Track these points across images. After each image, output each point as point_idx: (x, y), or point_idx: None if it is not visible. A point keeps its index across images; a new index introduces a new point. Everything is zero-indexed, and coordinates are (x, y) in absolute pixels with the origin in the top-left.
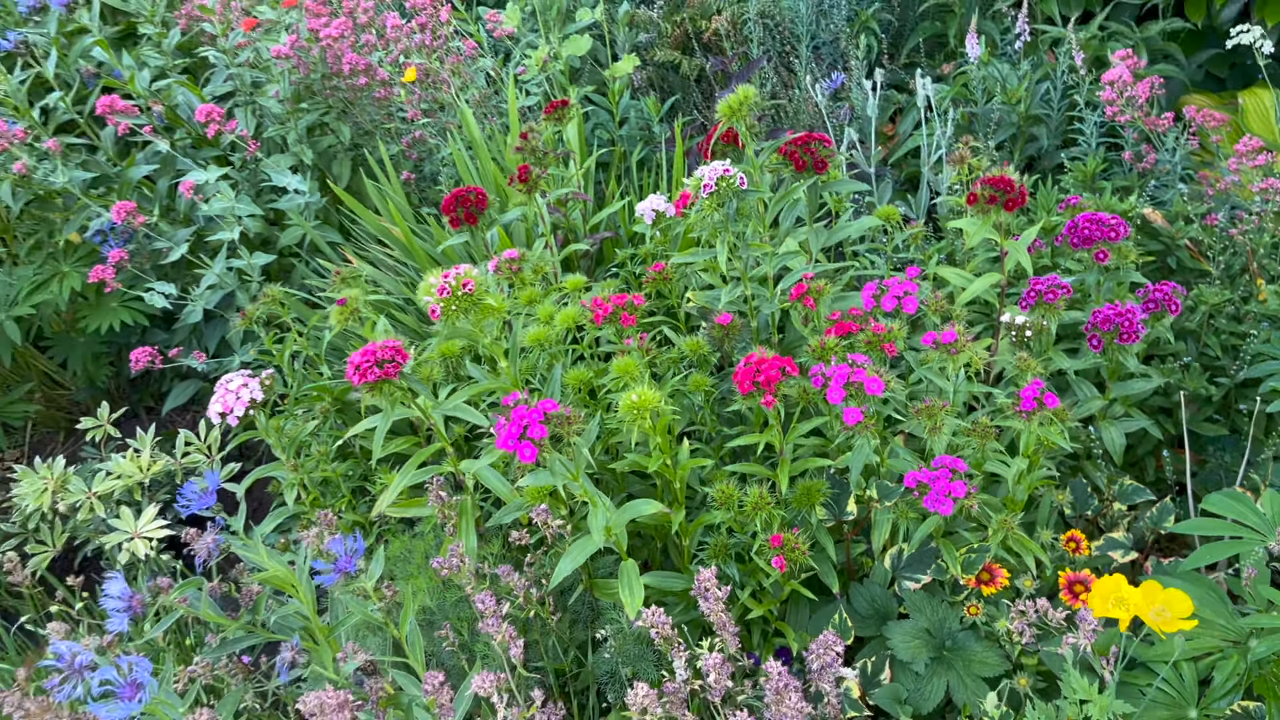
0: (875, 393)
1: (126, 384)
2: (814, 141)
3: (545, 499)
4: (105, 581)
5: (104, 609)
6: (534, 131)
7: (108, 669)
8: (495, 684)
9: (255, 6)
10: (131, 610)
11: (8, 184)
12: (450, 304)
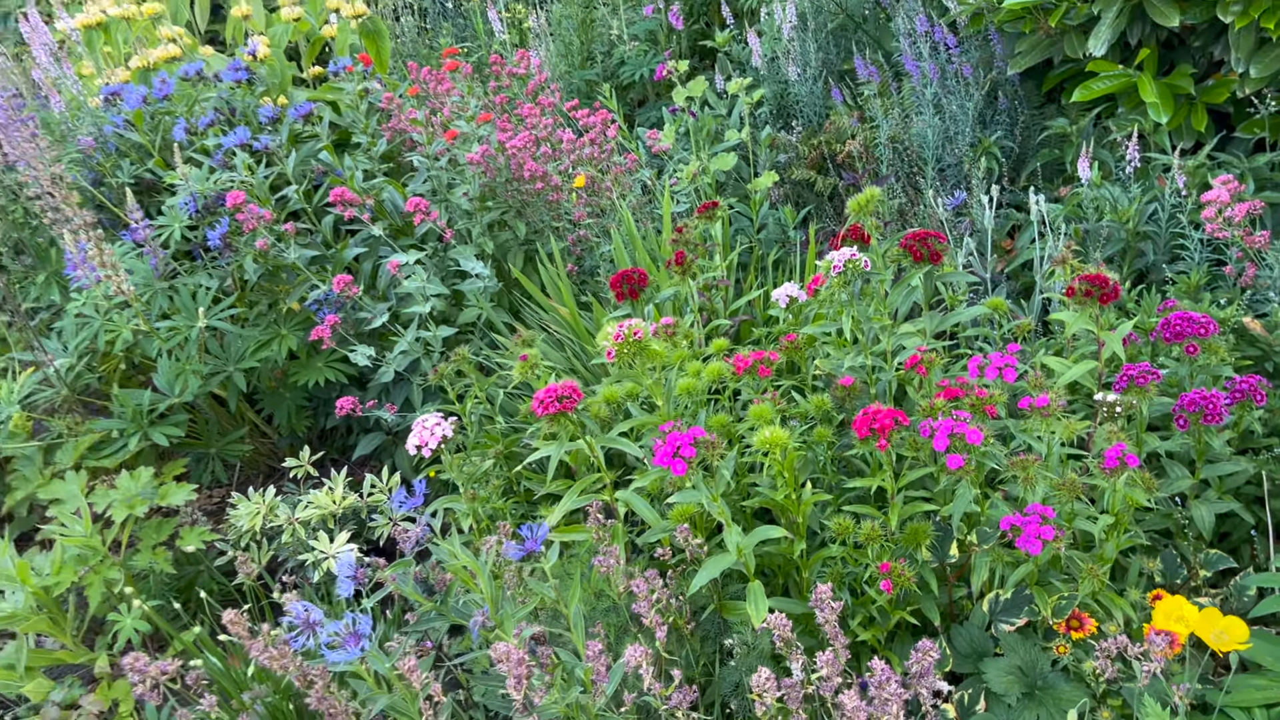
0: (975, 442)
1: (318, 437)
2: (930, 237)
3: (688, 519)
4: (340, 558)
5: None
6: (688, 227)
7: (336, 624)
8: (644, 657)
9: (454, 121)
10: (356, 580)
11: (250, 258)
12: (623, 347)
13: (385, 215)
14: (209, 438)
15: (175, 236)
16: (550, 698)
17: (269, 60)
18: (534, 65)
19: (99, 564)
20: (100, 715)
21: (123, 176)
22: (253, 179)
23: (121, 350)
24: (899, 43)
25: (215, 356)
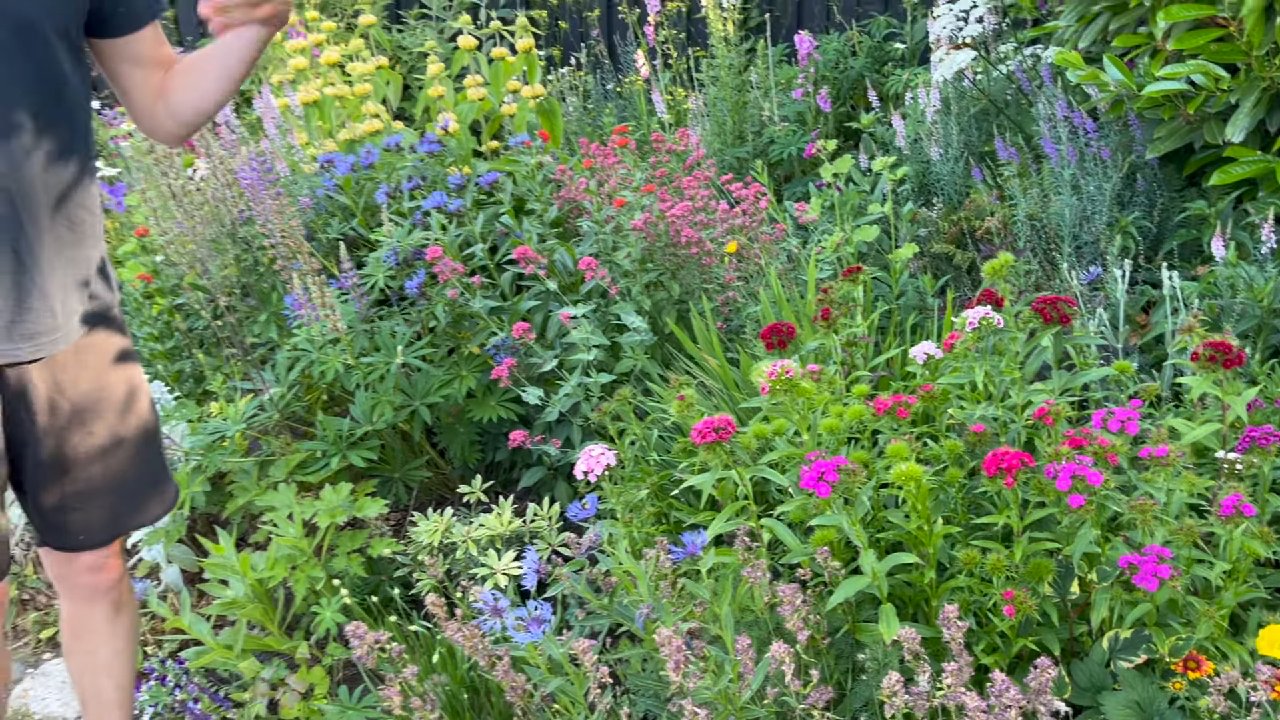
0: (1095, 483)
1: (486, 469)
2: (1060, 301)
3: (828, 544)
4: (526, 552)
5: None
6: (833, 287)
7: (520, 610)
8: (786, 653)
9: (619, 191)
10: (537, 574)
11: (441, 306)
12: (776, 383)
13: (556, 274)
14: (394, 464)
15: (379, 285)
16: (703, 683)
17: (456, 134)
18: (692, 142)
19: (304, 563)
20: (301, 694)
21: (332, 232)
22: (445, 237)
23: (326, 382)
24: (1039, 126)
25: (404, 392)
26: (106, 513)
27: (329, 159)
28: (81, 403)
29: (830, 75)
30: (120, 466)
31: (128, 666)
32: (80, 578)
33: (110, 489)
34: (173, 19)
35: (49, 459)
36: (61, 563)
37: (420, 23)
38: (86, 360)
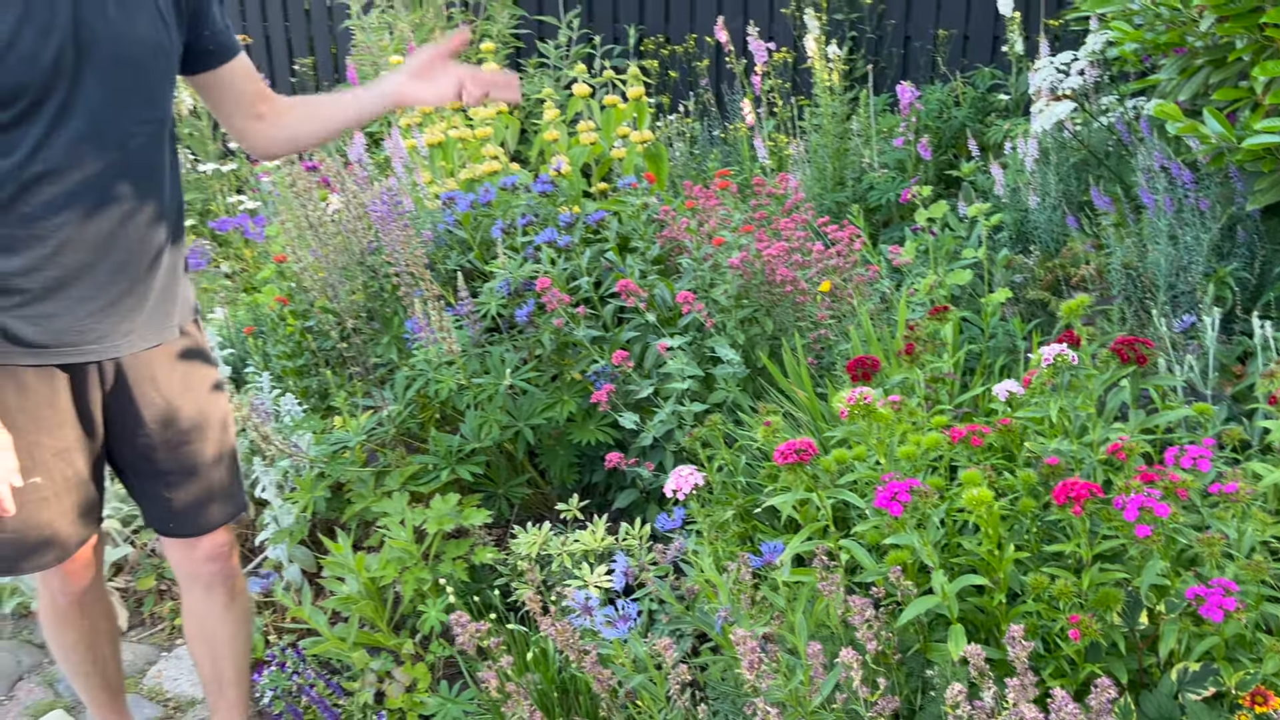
0: (1162, 515)
1: (582, 490)
2: (1138, 343)
3: (901, 564)
4: (616, 558)
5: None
6: (919, 325)
7: (609, 608)
8: (854, 659)
9: (719, 230)
10: (627, 578)
11: (547, 333)
12: (855, 408)
13: (655, 307)
14: (499, 480)
15: (491, 312)
16: (775, 683)
17: (568, 176)
18: (792, 186)
19: (413, 566)
20: (405, 687)
21: (450, 264)
22: (554, 270)
23: (440, 401)
24: (1138, 177)
25: (510, 414)
26: (199, 500)
27: (450, 196)
28: (184, 414)
29: (932, 124)
30: (210, 472)
31: (243, 650)
32: (199, 567)
33: (205, 492)
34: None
35: (161, 460)
36: (183, 554)
37: (539, 71)
38: (191, 381)
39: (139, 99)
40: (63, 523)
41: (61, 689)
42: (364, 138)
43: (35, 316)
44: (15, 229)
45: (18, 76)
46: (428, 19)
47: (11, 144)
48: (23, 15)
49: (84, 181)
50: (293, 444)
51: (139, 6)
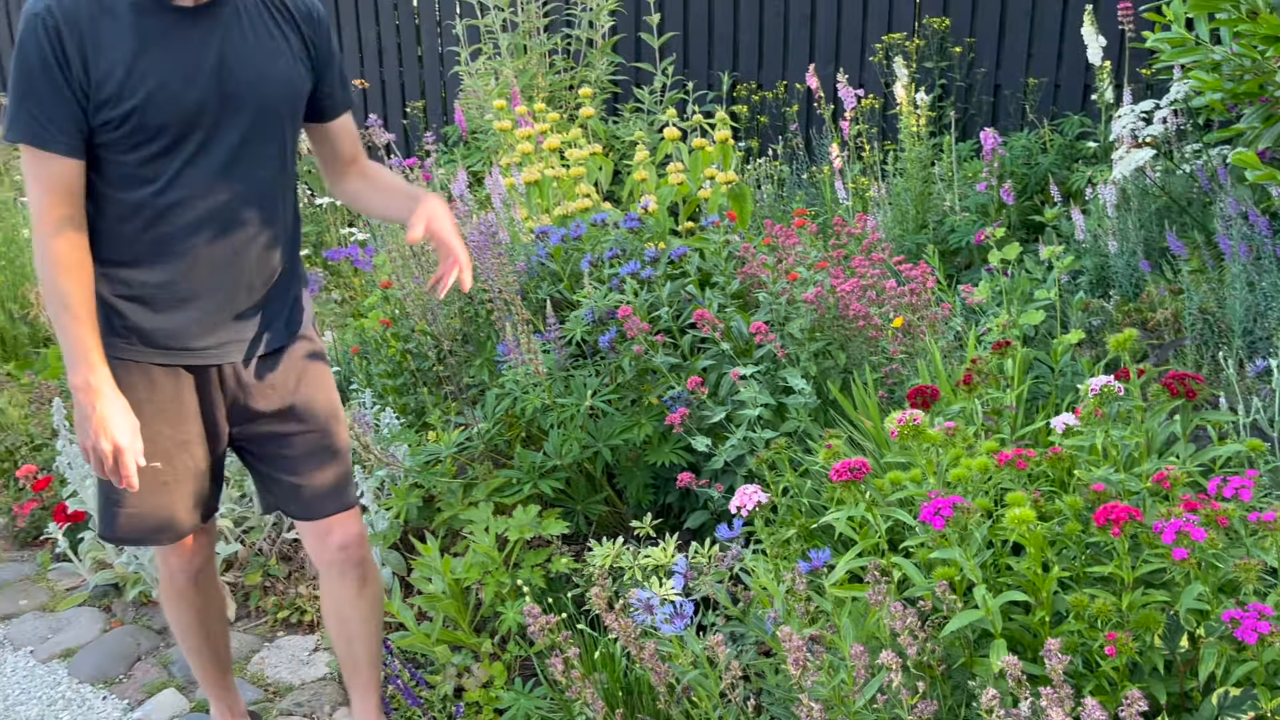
0: (1198, 539)
1: (656, 510)
2: (1188, 378)
3: (948, 580)
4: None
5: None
6: (981, 359)
7: (668, 607)
8: (895, 661)
9: (795, 267)
10: (685, 578)
11: (627, 359)
12: (904, 429)
13: (732, 339)
14: (577, 497)
15: (576, 338)
16: (819, 679)
17: (655, 214)
18: (870, 227)
19: (495, 570)
20: (482, 683)
21: (541, 293)
22: (636, 300)
23: (525, 420)
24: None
25: (590, 434)
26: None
27: (544, 231)
28: (303, 408)
29: (1017, 170)
30: (330, 461)
31: (375, 634)
32: (333, 555)
33: (327, 480)
34: (422, 108)
35: (284, 450)
36: (318, 543)
37: (633, 115)
38: (309, 378)
39: (269, 138)
40: (180, 507)
41: (175, 670)
42: (466, 175)
43: (167, 323)
44: (153, 248)
45: (163, 117)
46: (530, 65)
47: (153, 174)
48: (172, 60)
49: (214, 209)
50: (390, 454)
51: (278, 53)
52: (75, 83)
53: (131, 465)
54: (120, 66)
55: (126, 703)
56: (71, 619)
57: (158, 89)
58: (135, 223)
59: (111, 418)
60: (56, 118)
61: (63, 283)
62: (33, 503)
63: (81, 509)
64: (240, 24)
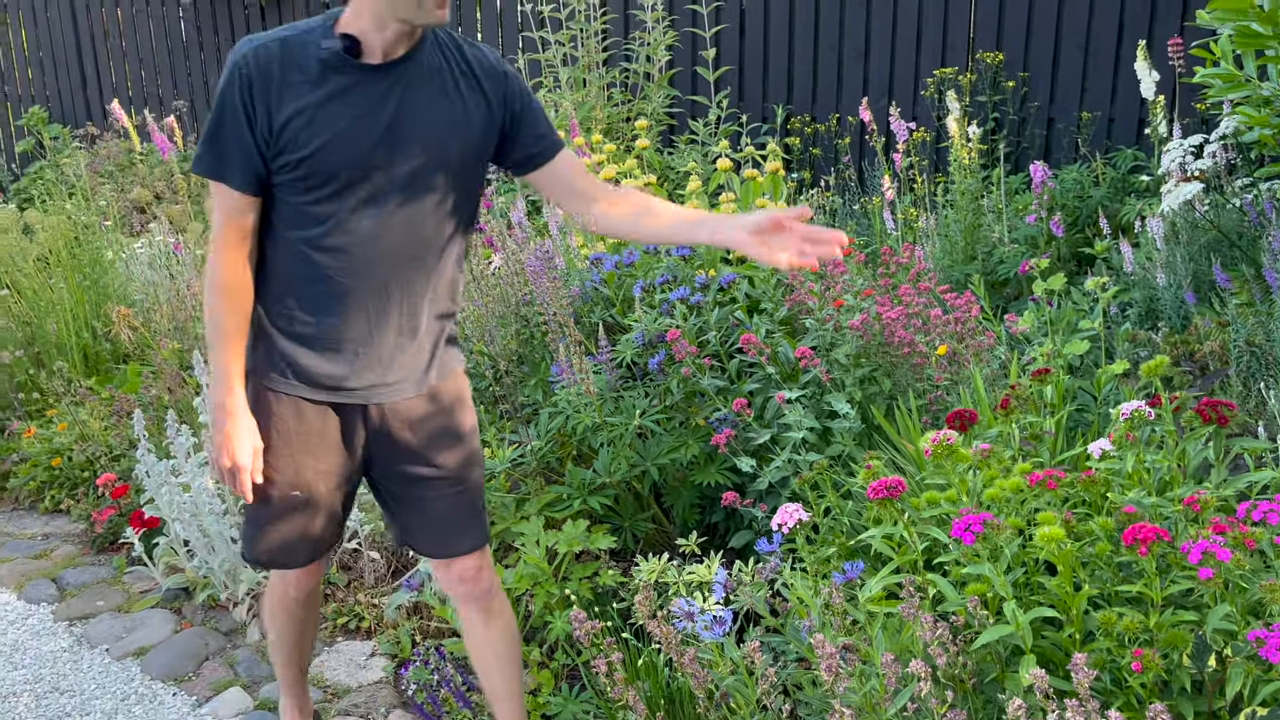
0: (1224, 559)
1: (701, 529)
2: (1221, 405)
3: (980, 596)
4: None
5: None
6: (1020, 385)
7: (709, 615)
8: (924, 670)
9: (841, 294)
10: (726, 588)
11: (675, 381)
12: (939, 448)
13: (778, 363)
14: (625, 514)
15: (626, 360)
16: (851, 685)
17: None
18: (918, 256)
19: (544, 581)
20: (531, 690)
21: (594, 317)
22: (685, 324)
23: (576, 439)
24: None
25: (638, 453)
26: (443, 531)
27: (598, 257)
28: (435, 454)
29: (1069, 203)
30: (455, 504)
31: (509, 667)
32: (454, 587)
33: (452, 521)
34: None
35: (415, 491)
36: (442, 574)
37: (688, 147)
38: (443, 425)
39: (436, 190)
40: (314, 531)
41: (240, 670)
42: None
43: (320, 363)
44: (316, 288)
45: (336, 164)
46: (589, 98)
47: (323, 215)
48: (351, 112)
49: (377, 255)
50: None
51: (454, 110)
52: (259, 128)
53: (247, 482)
54: (302, 116)
55: (195, 699)
56: (144, 620)
57: (334, 138)
58: (302, 263)
59: (237, 438)
60: (237, 157)
61: (222, 306)
62: (110, 509)
63: (156, 515)
64: (420, 80)
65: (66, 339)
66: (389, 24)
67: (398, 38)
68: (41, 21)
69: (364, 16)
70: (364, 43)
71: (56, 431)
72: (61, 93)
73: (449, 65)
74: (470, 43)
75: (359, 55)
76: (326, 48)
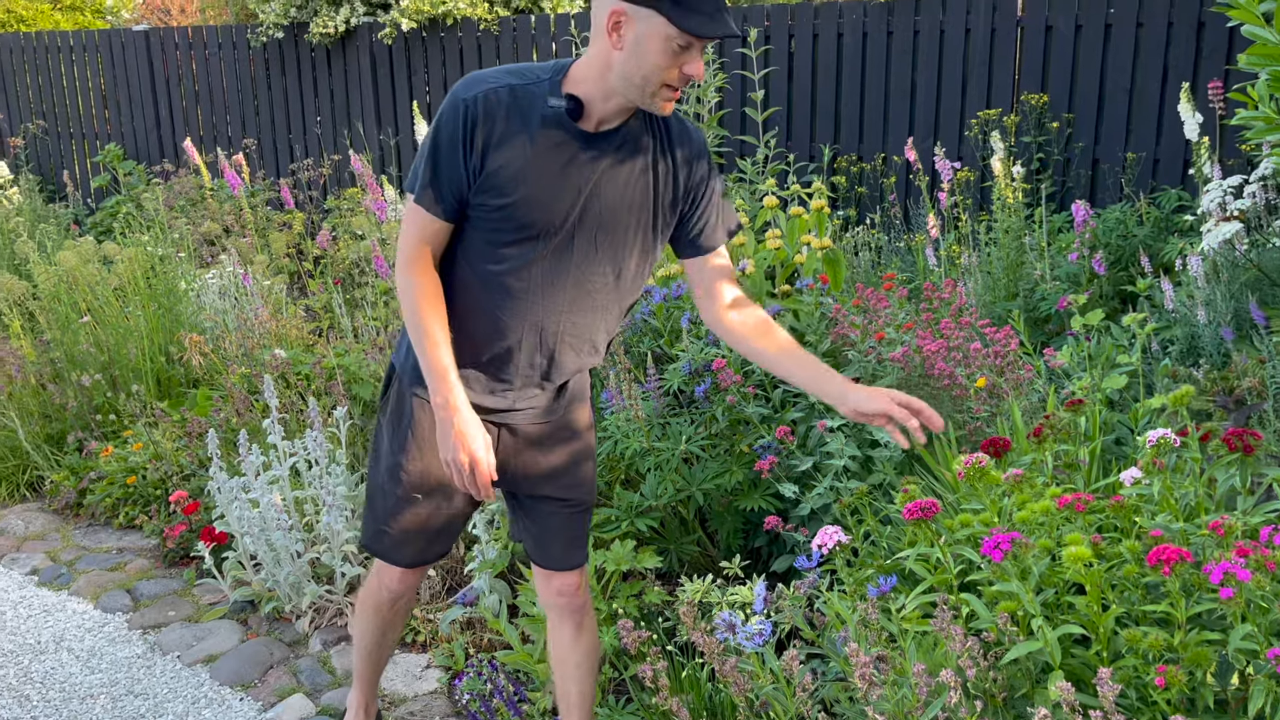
0: (1244, 580)
1: (744, 553)
2: (1247, 434)
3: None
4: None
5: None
6: (1055, 415)
7: (749, 626)
8: (955, 681)
9: (884, 327)
10: (765, 606)
11: (721, 409)
12: (971, 470)
13: None
14: (671, 537)
15: (673, 388)
16: (885, 693)
17: (752, 275)
18: (959, 292)
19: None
20: None
21: (643, 347)
22: (730, 354)
23: (625, 463)
24: None
25: (684, 478)
26: (559, 544)
27: (647, 290)
28: (555, 476)
29: (1112, 242)
30: (566, 522)
31: (587, 678)
32: (552, 598)
33: (561, 536)
34: None
35: (535, 504)
36: (543, 585)
37: (737, 185)
38: (564, 450)
39: (613, 257)
40: (428, 531)
41: (303, 678)
42: None
43: (468, 381)
44: (483, 321)
45: (531, 217)
46: None
47: (505, 257)
48: (556, 172)
49: (545, 306)
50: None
51: (645, 183)
52: (471, 166)
53: (484, 474)
54: (513, 165)
55: (260, 704)
56: (213, 629)
57: (535, 192)
58: (473, 292)
59: (470, 433)
60: (444, 187)
61: (423, 311)
62: (181, 525)
63: (226, 530)
64: (624, 154)
65: (142, 364)
66: (613, 98)
67: (618, 111)
68: (119, 65)
69: (593, 83)
70: (586, 107)
71: (132, 451)
72: (136, 131)
73: (654, 142)
74: (681, 120)
75: (579, 118)
76: (552, 106)
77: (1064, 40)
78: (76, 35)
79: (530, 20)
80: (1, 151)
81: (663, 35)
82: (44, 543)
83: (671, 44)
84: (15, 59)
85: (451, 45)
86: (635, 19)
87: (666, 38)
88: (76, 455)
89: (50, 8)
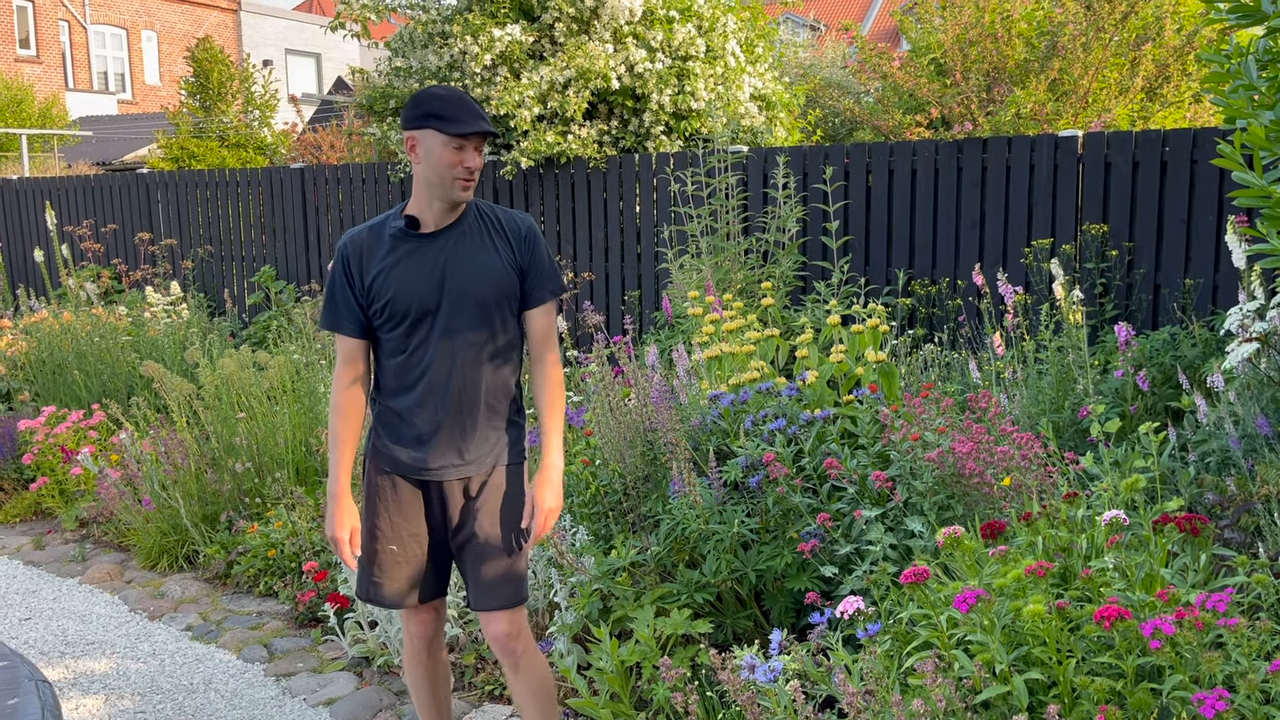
0: (1169, 633)
1: (793, 630)
2: (1196, 519)
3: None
4: (773, 634)
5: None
6: (1050, 506)
7: (765, 665)
8: (924, 709)
9: (919, 429)
10: (779, 649)
11: (772, 498)
12: (949, 540)
13: (867, 489)
14: (727, 613)
15: (731, 480)
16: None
17: (814, 385)
18: (993, 402)
19: (652, 656)
20: None
21: (710, 445)
22: (782, 450)
23: (690, 545)
24: None
25: (739, 560)
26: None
27: (716, 395)
28: (480, 527)
29: (1164, 360)
30: (491, 569)
31: (537, 715)
32: (489, 640)
33: (487, 582)
34: (638, 297)
35: (464, 553)
36: (483, 626)
37: (813, 305)
38: (493, 504)
39: (479, 321)
40: (405, 582)
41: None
42: (657, 349)
43: (404, 451)
44: (400, 396)
45: (404, 307)
46: (725, 262)
47: (403, 345)
48: (413, 268)
49: (440, 370)
50: (580, 563)
51: (489, 260)
52: (357, 288)
53: (345, 550)
54: (381, 275)
55: None
56: (333, 679)
57: (401, 288)
58: (395, 377)
59: (339, 518)
60: (345, 312)
61: (336, 422)
62: (311, 592)
63: (348, 595)
64: (463, 240)
65: (285, 455)
66: (434, 203)
67: (442, 213)
68: (277, 197)
69: (418, 198)
70: (420, 219)
71: (273, 529)
72: (289, 255)
73: (486, 227)
74: (506, 211)
75: (418, 228)
76: (395, 226)
77: (1122, 175)
78: (243, 172)
79: (635, 159)
80: (174, 272)
81: (440, 141)
82: (197, 605)
83: (449, 146)
84: (189, 193)
85: (564, 181)
86: (421, 139)
87: (444, 143)
88: (227, 532)
89: (218, 145)
